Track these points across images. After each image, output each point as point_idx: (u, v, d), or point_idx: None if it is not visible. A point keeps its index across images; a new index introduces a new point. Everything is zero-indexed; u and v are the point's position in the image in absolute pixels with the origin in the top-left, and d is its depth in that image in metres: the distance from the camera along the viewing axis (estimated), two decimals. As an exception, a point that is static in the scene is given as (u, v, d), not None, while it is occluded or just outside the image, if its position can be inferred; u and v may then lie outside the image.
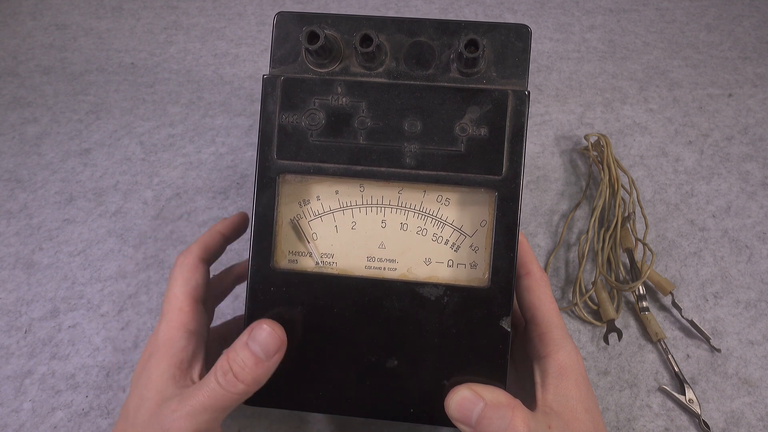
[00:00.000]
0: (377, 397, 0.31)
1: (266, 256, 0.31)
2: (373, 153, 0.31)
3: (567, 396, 0.29)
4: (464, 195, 0.32)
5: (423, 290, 0.31)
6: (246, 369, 0.28)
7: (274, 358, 0.29)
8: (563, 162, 0.55)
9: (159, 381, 0.29)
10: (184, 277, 0.33)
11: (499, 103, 0.30)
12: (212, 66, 0.64)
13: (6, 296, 0.46)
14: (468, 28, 0.31)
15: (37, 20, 0.70)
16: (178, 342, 0.31)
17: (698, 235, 0.50)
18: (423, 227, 0.32)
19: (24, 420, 0.40)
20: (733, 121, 0.58)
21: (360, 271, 0.32)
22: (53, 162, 0.55)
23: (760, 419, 0.40)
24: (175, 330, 0.31)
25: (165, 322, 0.32)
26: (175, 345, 0.31)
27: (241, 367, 0.28)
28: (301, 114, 0.31)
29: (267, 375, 0.29)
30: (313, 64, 0.31)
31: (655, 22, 0.68)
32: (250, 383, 0.28)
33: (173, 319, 0.31)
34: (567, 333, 0.32)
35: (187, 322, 0.31)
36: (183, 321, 0.31)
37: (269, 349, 0.29)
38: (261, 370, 0.28)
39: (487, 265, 0.31)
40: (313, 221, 0.32)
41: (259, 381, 0.29)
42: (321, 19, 0.32)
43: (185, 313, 0.32)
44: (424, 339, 0.31)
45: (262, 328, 0.29)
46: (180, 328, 0.31)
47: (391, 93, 0.31)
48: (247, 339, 0.29)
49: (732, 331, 0.44)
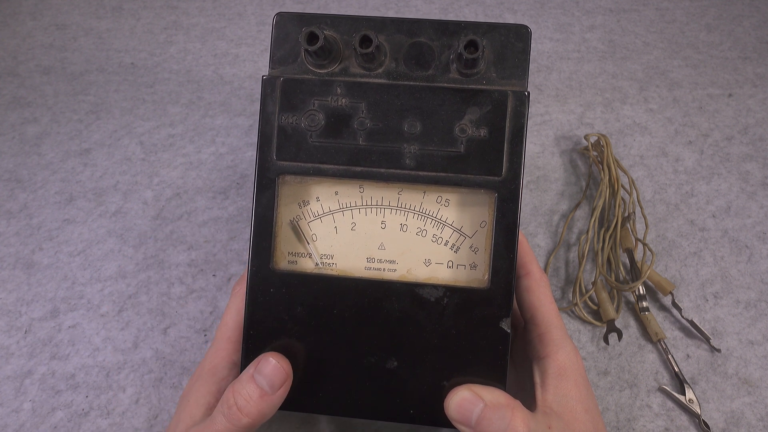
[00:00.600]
0: (377, 398, 0.31)
1: (266, 257, 0.31)
2: (373, 154, 0.31)
3: (567, 396, 0.29)
4: (464, 196, 0.32)
5: (423, 291, 0.31)
6: (251, 403, 0.28)
7: (279, 391, 0.29)
8: (563, 162, 0.55)
9: (194, 407, 0.30)
10: (237, 306, 0.33)
11: (499, 103, 0.30)
12: (212, 66, 0.64)
13: (6, 296, 0.46)
14: (468, 29, 0.31)
15: (37, 20, 0.70)
16: (221, 371, 0.31)
17: (698, 235, 0.50)
18: (423, 228, 0.32)
19: (24, 420, 0.40)
20: (733, 121, 0.58)
21: (360, 272, 0.32)
22: (53, 162, 0.55)
23: (760, 419, 0.40)
24: (220, 359, 0.31)
25: (213, 350, 0.32)
26: (217, 374, 0.31)
27: (246, 400, 0.28)
28: (301, 115, 0.31)
29: (273, 409, 0.29)
30: (312, 64, 0.31)
31: (655, 22, 0.68)
32: (255, 417, 0.28)
33: (221, 348, 0.32)
34: (566, 333, 0.32)
35: (233, 353, 0.32)
36: (229, 351, 0.32)
37: (275, 383, 0.28)
38: (266, 403, 0.28)
39: (486, 266, 0.31)
40: (313, 222, 0.32)
41: (265, 415, 0.29)
42: (320, 20, 0.32)
43: (233, 343, 0.32)
44: (423, 340, 0.31)
45: (268, 362, 0.29)
46: (225, 357, 0.31)
47: (390, 94, 0.31)
48: (253, 372, 0.29)
49: (732, 331, 0.44)
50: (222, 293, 0.46)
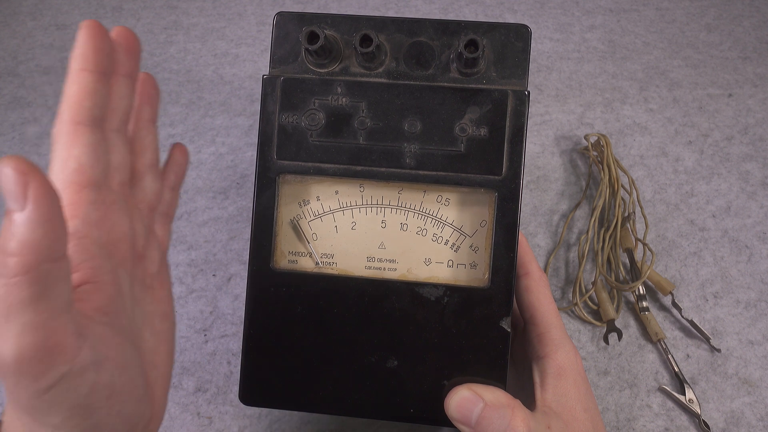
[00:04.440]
0: (377, 398, 0.31)
1: (266, 256, 0.31)
2: (373, 153, 0.31)
3: (566, 396, 0.29)
4: (464, 195, 0.32)
5: (423, 290, 0.31)
6: (7, 234, 0.17)
7: (32, 200, 0.17)
8: (563, 162, 0.55)
9: None
10: (60, 156, 0.25)
11: (499, 103, 0.30)
12: (212, 66, 0.64)
13: (6, 296, 0.46)
14: (468, 28, 0.31)
15: (37, 20, 0.70)
16: None
17: (698, 235, 0.50)
18: (423, 227, 0.32)
19: (24, 420, 0.40)
20: (733, 121, 0.58)
21: (360, 271, 0.32)
22: (53, 162, 0.55)
23: (760, 419, 0.40)
24: None
25: None
26: None
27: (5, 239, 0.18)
28: (301, 114, 0.31)
29: (46, 231, 0.18)
30: (312, 64, 0.31)
31: (655, 22, 0.68)
32: (17, 250, 0.17)
33: None
34: (566, 333, 0.32)
35: None
36: None
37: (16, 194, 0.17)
38: (22, 225, 0.17)
39: (487, 265, 0.31)
40: (313, 221, 0.32)
41: (37, 242, 0.17)
42: (321, 20, 0.32)
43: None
44: (424, 339, 0.31)
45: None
46: None
47: (390, 93, 0.31)
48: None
49: (732, 331, 0.44)
50: (222, 293, 0.46)
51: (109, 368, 0.22)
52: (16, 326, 0.18)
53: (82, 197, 0.24)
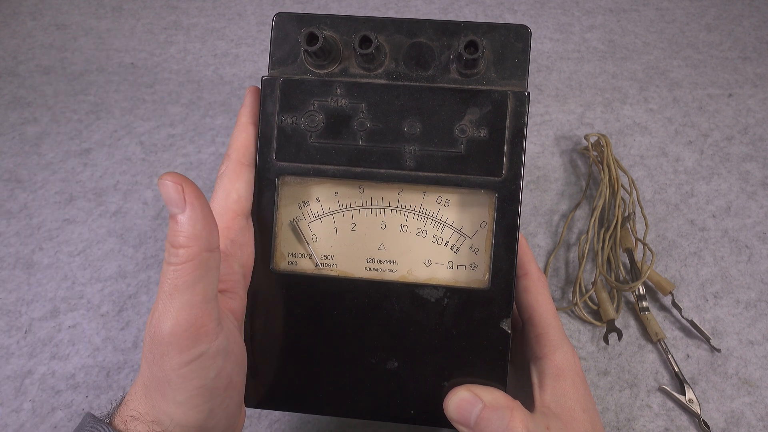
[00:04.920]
0: (377, 399, 0.31)
1: (266, 258, 0.31)
2: (373, 154, 0.31)
3: (564, 397, 0.29)
4: (464, 196, 0.32)
5: (423, 292, 0.31)
6: (175, 232, 0.24)
7: (188, 211, 0.24)
8: (563, 162, 0.55)
9: None
10: (224, 187, 0.30)
11: (499, 104, 0.30)
12: (212, 66, 0.64)
13: (6, 296, 0.46)
14: (467, 29, 0.31)
15: (37, 20, 0.70)
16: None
17: (698, 235, 0.50)
18: (423, 228, 0.32)
19: (24, 420, 0.40)
20: (733, 121, 0.58)
21: (360, 272, 0.32)
22: (53, 162, 0.55)
23: (760, 419, 0.40)
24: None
25: None
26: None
27: (173, 234, 0.24)
28: (301, 115, 0.31)
29: (204, 226, 0.24)
30: (312, 65, 0.31)
31: (655, 22, 0.68)
32: (177, 245, 0.24)
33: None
34: (564, 334, 0.32)
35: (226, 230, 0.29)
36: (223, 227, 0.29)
37: (169, 201, 0.24)
38: (178, 226, 0.24)
39: (487, 266, 0.31)
40: (313, 223, 0.32)
41: (199, 235, 0.24)
42: (320, 20, 0.32)
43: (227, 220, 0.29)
44: (424, 340, 0.31)
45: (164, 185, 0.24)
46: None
47: (390, 94, 0.31)
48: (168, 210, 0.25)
49: (732, 331, 0.44)
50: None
51: (231, 361, 0.27)
52: (176, 304, 0.24)
53: (235, 223, 0.30)
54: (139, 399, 0.26)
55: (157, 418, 0.26)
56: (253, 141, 0.31)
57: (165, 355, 0.24)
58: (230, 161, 0.31)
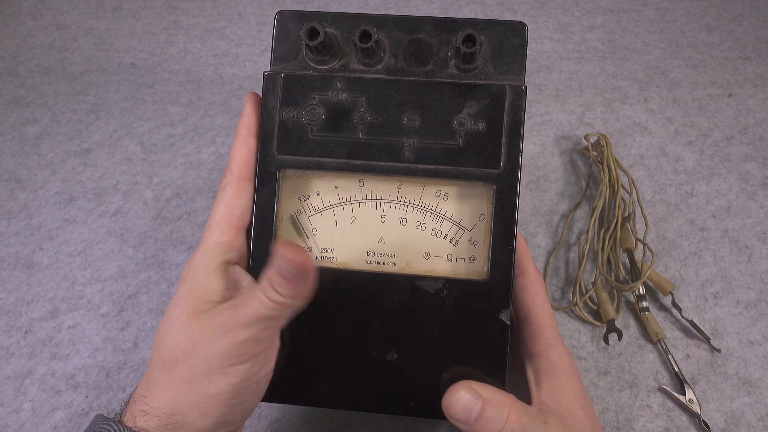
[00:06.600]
0: (377, 391, 0.31)
1: (267, 251, 0.31)
2: (373, 147, 0.31)
3: (561, 393, 0.29)
4: (463, 189, 0.32)
5: (422, 283, 0.31)
6: (281, 287, 0.27)
7: (305, 276, 0.27)
8: (563, 162, 0.55)
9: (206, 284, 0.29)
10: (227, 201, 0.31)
11: (497, 97, 0.31)
12: (212, 66, 0.64)
13: (6, 296, 0.46)
14: (465, 25, 0.32)
15: (37, 20, 0.70)
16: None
17: (698, 235, 0.50)
18: (422, 222, 0.32)
19: (24, 420, 0.40)
20: (733, 121, 0.58)
21: (360, 265, 0.32)
22: (53, 162, 0.55)
23: (760, 419, 0.40)
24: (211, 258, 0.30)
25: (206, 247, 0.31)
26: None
27: (278, 284, 0.27)
28: (302, 109, 0.31)
29: (308, 287, 0.28)
30: (313, 60, 0.32)
31: (655, 22, 0.68)
32: (290, 297, 0.27)
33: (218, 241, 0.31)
34: (559, 334, 0.32)
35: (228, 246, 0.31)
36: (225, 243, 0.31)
37: (291, 271, 0.27)
38: (294, 287, 0.27)
39: (485, 258, 0.31)
40: (313, 216, 0.33)
41: (298, 295, 0.28)
42: (321, 18, 0.32)
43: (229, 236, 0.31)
44: (423, 332, 0.31)
45: (282, 254, 0.27)
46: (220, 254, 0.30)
47: (390, 89, 0.31)
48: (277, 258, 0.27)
49: (732, 331, 0.44)
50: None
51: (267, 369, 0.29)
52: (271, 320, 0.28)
53: (237, 237, 0.31)
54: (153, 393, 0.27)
55: (177, 409, 0.27)
56: (254, 154, 0.32)
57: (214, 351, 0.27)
58: (232, 176, 0.31)
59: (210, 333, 0.27)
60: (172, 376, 0.27)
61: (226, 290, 0.29)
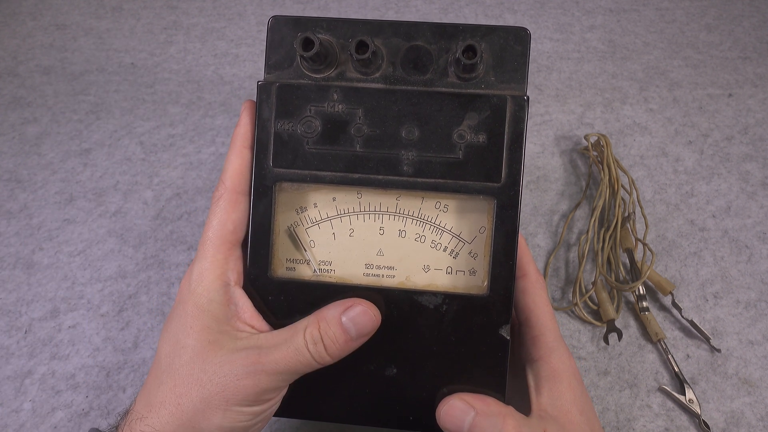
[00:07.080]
0: (376, 405, 0.31)
1: (263, 264, 0.31)
2: (370, 161, 0.30)
3: (561, 399, 0.29)
4: (463, 202, 0.31)
5: (421, 298, 0.30)
6: (336, 345, 0.28)
7: (364, 337, 0.29)
8: (563, 162, 0.55)
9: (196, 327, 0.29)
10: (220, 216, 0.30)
11: (498, 109, 0.30)
12: (212, 66, 0.64)
13: (6, 296, 0.46)
14: (466, 32, 0.30)
15: (37, 20, 0.70)
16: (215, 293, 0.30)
17: (698, 235, 0.50)
18: (421, 234, 0.31)
19: (24, 420, 0.40)
20: (733, 121, 0.58)
21: (358, 278, 0.31)
22: (53, 162, 0.55)
23: (760, 419, 0.40)
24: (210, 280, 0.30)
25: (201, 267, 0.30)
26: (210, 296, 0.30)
27: (333, 341, 0.28)
28: (297, 121, 0.31)
29: (349, 351, 0.29)
30: (308, 69, 0.31)
31: (655, 22, 0.68)
32: (336, 358, 0.28)
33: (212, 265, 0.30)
34: (561, 337, 0.31)
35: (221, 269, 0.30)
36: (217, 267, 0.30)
37: (362, 331, 0.28)
38: (349, 348, 0.28)
39: (486, 272, 0.31)
40: (311, 229, 0.32)
41: (341, 357, 0.29)
42: (316, 24, 0.31)
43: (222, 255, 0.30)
44: (422, 347, 0.30)
45: (357, 308, 0.28)
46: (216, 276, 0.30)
47: (387, 99, 0.30)
48: (341, 315, 0.28)
49: (732, 331, 0.44)
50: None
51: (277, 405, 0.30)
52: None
53: (232, 253, 0.31)
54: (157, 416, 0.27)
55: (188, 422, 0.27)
56: (248, 167, 0.31)
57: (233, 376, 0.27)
58: (226, 189, 0.30)
59: (230, 372, 0.27)
60: (181, 404, 0.27)
61: (230, 316, 0.30)
